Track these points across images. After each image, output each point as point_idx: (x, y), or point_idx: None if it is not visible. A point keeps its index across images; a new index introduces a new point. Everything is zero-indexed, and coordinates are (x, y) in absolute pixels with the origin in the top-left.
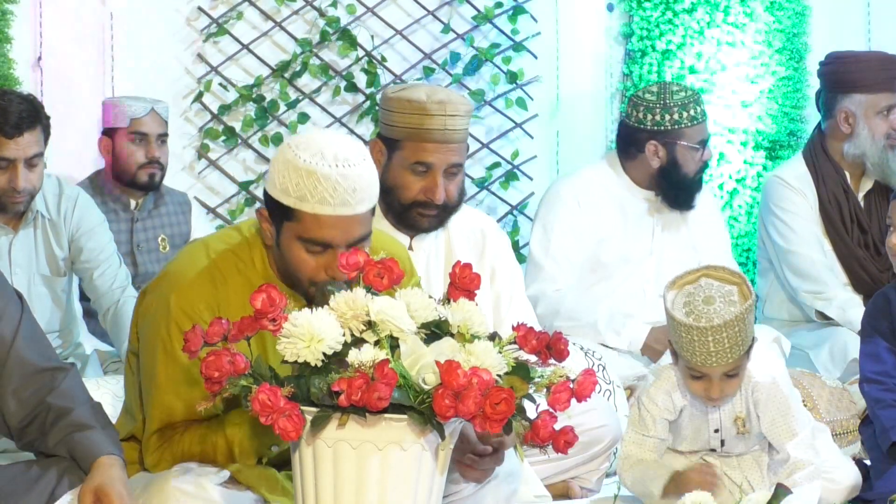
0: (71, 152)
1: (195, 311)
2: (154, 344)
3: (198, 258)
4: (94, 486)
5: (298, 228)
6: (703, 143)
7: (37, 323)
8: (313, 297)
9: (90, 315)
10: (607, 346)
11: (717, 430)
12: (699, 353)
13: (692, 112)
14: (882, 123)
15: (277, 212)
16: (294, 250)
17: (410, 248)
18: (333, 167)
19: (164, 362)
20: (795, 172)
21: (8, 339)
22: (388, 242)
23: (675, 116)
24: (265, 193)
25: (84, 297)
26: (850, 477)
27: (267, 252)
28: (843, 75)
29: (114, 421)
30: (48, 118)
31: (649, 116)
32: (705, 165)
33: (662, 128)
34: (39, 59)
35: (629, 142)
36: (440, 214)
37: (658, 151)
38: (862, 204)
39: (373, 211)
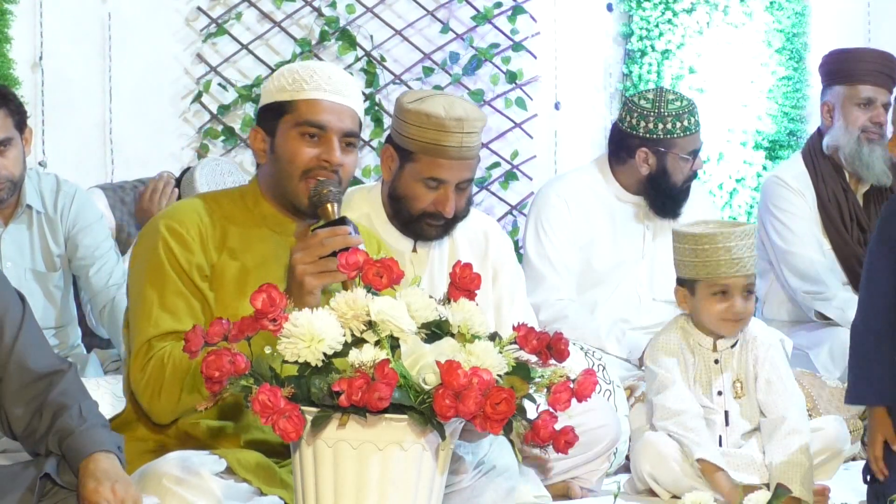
0: (71, 152)
1: (183, 226)
2: (142, 265)
3: (193, 199)
4: (84, 494)
5: (296, 116)
6: (695, 153)
7: (37, 325)
8: (310, 198)
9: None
10: (607, 353)
11: (720, 393)
12: (724, 262)
13: (686, 122)
14: (860, 115)
15: (273, 114)
16: (291, 143)
17: (414, 250)
18: (326, 65)
19: (152, 278)
20: (794, 172)
21: (9, 344)
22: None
23: (668, 126)
24: (258, 113)
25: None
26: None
27: (258, 185)
28: (830, 67)
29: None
30: (20, 105)
31: (642, 123)
32: (694, 175)
33: (654, 136)
34: (41, 58)
35: (620, 146)
36: (447, 224)
37: (648, 159)
38: (861, 202)
39: (360, 123)
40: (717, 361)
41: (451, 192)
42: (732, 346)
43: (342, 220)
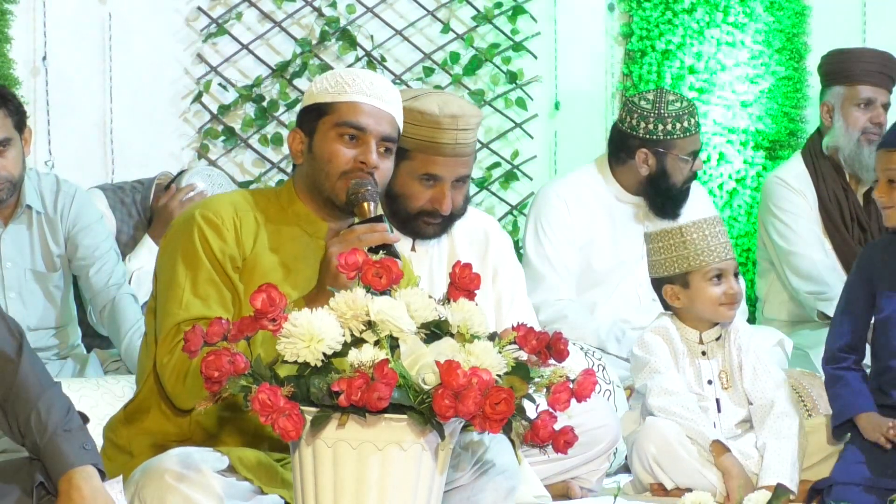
0: (71, 152)
1: (218, 217)
2: (175, 251)
3: (230, 193)
4: None
5: (335, 117)
6: (695, 154)
7: None
8: (347, 195)
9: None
10: (607, 353)
11: (710, 382)
12: (714, 247)
13: (685, 123)
14: (860, 116)
15: (314, 115)
16: (329, 143)
17: (413, 249)
18: (369, 72)
19: (185, 264)
20: (794, 172)
21: None
22: None
23: (669, 127)
24: (298, 114)
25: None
26: None
27: (293, 185)
28: (829, 67)
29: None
30: (20, 106)
31: (642, 124)
32: (694, 176)
33: (654, 137)
34: (44, 58)
35: (620, 147)
36: (445, 222)
37: (648, 160)
38: (861, 202)
39: (398, 130)
40: (704, 353)
41: (448, 188)
42: (717, 339)
43: (379, 218)
